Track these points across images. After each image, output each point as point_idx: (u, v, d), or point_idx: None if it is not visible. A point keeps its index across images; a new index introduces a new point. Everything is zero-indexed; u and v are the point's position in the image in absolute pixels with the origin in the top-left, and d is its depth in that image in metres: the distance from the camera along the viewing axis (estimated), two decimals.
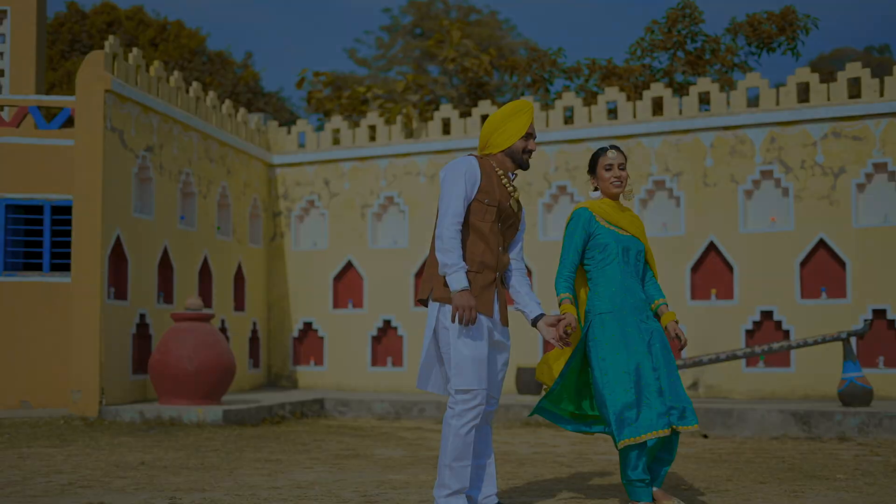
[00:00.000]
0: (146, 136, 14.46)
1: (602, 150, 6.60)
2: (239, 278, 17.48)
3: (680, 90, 17.83)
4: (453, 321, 5.75)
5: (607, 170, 6.49)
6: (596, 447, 11.09)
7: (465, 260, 5.88)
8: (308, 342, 18.25)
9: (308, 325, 18.25)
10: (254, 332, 17.94)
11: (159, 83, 14.92)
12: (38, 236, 14.65)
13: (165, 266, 15.11)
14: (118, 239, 13.72)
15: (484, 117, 17.26)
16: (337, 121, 18.17)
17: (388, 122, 17.80)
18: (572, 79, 18.50)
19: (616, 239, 6.41)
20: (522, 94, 18.76)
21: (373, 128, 17.99)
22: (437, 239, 5.81)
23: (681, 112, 15.80)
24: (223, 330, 16.67)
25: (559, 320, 6.05)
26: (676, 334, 6.37)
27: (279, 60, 75.25)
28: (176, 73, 15.43)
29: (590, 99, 17.71)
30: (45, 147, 14.37)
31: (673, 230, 15.69)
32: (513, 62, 18.93)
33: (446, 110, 17.32)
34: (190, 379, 13.13)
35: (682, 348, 6.55)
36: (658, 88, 15.98)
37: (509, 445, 11.26)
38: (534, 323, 6.13)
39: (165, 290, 15.10)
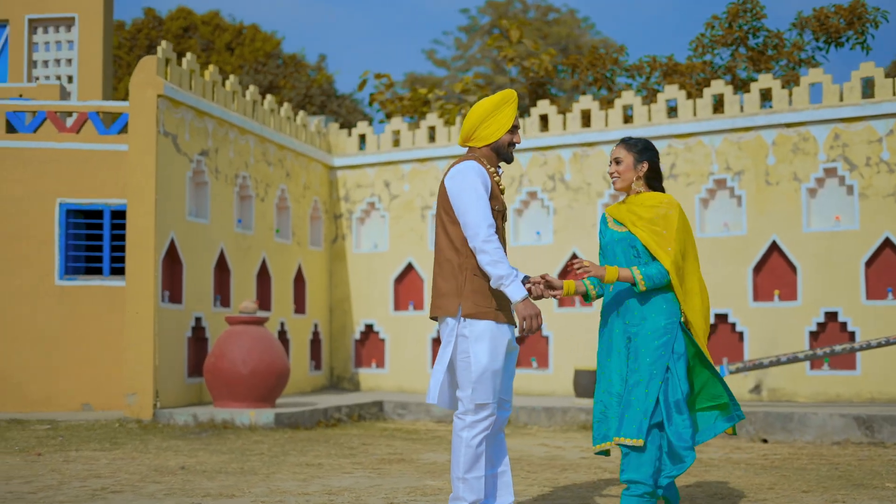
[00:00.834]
0: (201, 140, 14.53)
1: None
2: (299, 281, 17.50)
3: (742, 87, 17.46)
4: (522, 332, 5.66)
5: (609, 165, 6.31)
6: None
7: (479, 270, 5.75)
8: (369, 344, 18.22)
9: (369, 328, 18.22)
10: (315, 334, 17.96)
11: (214, 87, 14.97)
12: (99, 240, 14.83)
13: (222, 269, 15.17)
14: (172, 242, 13.80)
15: (543, 117, 17.09)
16: (397, 122, 18.11)
17: (448, 123, 17.68)
18: (634, 77, 18.23)
19: (613, 239, 6.19)
20: (584, 94, 18.52)
21: (433, 129, 17.90)
22: (481, 253, 5.62)
23: (742, 109, 15.47)
24: (282, 332, 16.70)
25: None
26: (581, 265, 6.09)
27: (356, 63, 75.60)
28: (232, 77, 15.49)
29: (650, 97, 17.42)
30: (104, 152, 14.53)
31: (734, 230, 15.37)
32: (574, 61, 18.71)
33: None
34: (244, 382, 13.15)
35: (581, 273, 6.16)
36: (719, 86, 15.66)
37: (560, 450, 11.09)
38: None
39: (222, 294, 15.17)
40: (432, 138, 17.97)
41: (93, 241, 14.81)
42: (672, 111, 16.29)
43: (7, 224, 14.45)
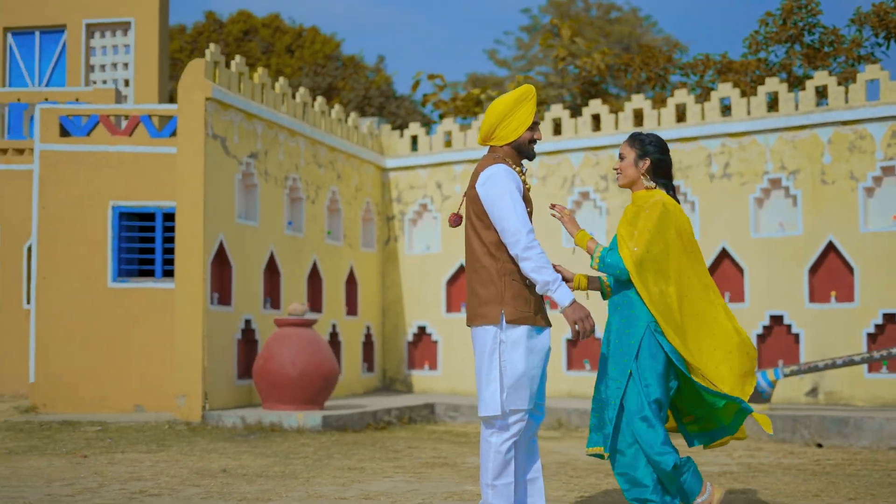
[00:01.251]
0: (250, 142, 14.55)
1: None
2: (351, 283, 17.48)
3: (796, 84, 17.15)
4: (576, 337, 5.56)
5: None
6: (697, 457, 10.69)
7: (517, 274, 5.64)
8: (422, 346, 18.16)
9: (422, 329, 18.16)
10: (367, 336, 17.93)
11: (264, 90, 14.99)
12: (151, 243, 14.91)
13: (272, 271, 15.19)
14: (221, 245, 13.83)
15: (595, 117, 16.92)
16: (449, 123, 18.04)
17: None
18: (689, 75, 17.99)
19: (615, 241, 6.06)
20: (637, 93, 18.30)
21: None
22: (524, 260, 5.50)
23: (797, 107, 15.18)
24: (334, 334, 16.69)
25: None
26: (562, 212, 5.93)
27: (417, 64, 75.67)
28: (281, 79, 15.50)
29: (704, 96, 17.17)
30: (155, 155, 14.61)
31: (790, 230, 15.09)
32: (627, 60, 18.51)
33: (557, 110, 17.03)
34: (292, 384, 13.14)
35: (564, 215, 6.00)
36: (773, 83, 15.39)
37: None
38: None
39: (272, 296, 15.18)
40: None
41: (145, 243, 14.89)
42: (726, 110, 16.04)
43: (61, 227, 14.57)
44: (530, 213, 5.82)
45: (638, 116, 16.47)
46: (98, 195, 14.63)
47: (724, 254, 15.49)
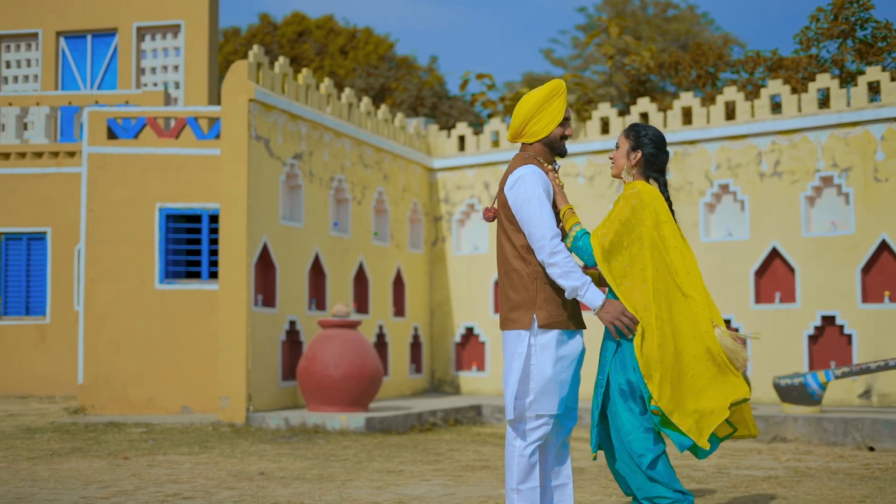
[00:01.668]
0: (294, 143, 14.53)
1: None
2: (398, 283, 17.42)
3: (848, 80, 16.81)
4: (618, 337, 5.47)
5: None
6: (744, 460, 10.50)
7: (549, 277, 5.53)
8: (470, 347, 18.06)
9: (470, 330, 18.06)
10: (415, 337, 17.86)
11: (308, 91, 14.96)
12: (197, 244, 14.95)
13: (317, 272, 15.16)
14: (265, 246, 13.82)
15: (644, 116, 16.71)
16: (496, 122, 17.92)
17: None
18: (739, 72, 17.71)
19: None
20: (686, 91, 18.07)
21: None
22: (550, 266, 5.39)
23: (849, 104, 14.87)
24: (381, 335, 16.64)
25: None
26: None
27: (471, 64, 75.58)
28: (326, 79, 15.47)
29: (754, 93, 16.89)
30: (201, 157, 14.64)
31: (842, 229, 14.80)
32: (676, 57, 18.27)
33: (605, 109, 16.85)
34: (336, 386, 13.10)
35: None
36: (824, 79, 15.10)
37: None
38: None
39: (317, 297, 15.16)
40: None
41: (192, 245, 14.93)
42: (776, 107, 15.77)
43: (109, 229, 14.65)
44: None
45: (687, 114, 16.24)
46: (145, 197, 14.69)
47: (774, 253, 15.23)
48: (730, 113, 16.01)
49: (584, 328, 5.66)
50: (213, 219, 14.66)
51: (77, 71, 20.66)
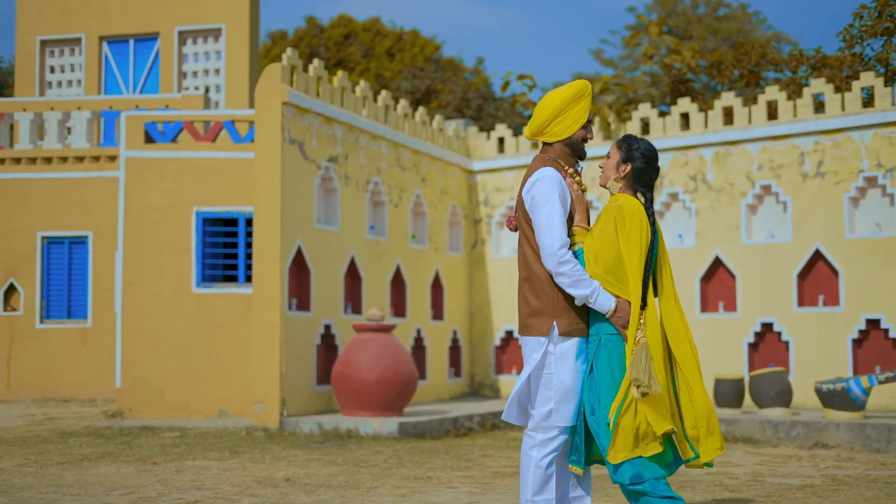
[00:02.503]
0: (329, 146, 14.44)
1: None
2: (436, 287, 17.29)
3: (893, 78, 16.44)
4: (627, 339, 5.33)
5: None
6: (781, 467, 10.26)
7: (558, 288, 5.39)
8: (510, 351, 17.89)
9: (510, 334, 17.89)
10: (454, 340, 17.72)
11: (343, 93, 14.87)
12: (234, 248, 14.92)
13: (353, 276, 15.07)
14: (299, 250, 13.74)
15: (684, 116, 16.47)
16: None
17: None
18: (782, 70, 17.39)
19: None
20: (729, 91, 17.80)
21: None
22: (558, 276, 5.31)
23: (893, 102, 14.54)
24: (419, 339, 16.52)
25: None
26: None
27: (518, 65, 75.33)
28: (362, 82, 15.38)
29: (796, 92, 16.57)
30: (237, 160, 14.60)
31: (887, 230, 14.48)
32: (718, 56, 17.99)
33: (645, 109, 16.63)
34: (370, 390, 13.01)
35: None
36: (868, 78, 14.78)
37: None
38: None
39: (353, 301, 15.06)
40: None
41: (228, 248, 14.90)
42: (819, 106, 15.46)
43: (146, 233, 14.66)
44: (588, 215, 5.59)
45: (728, 114, 16.00)
46: (182, 201, 14.68)
47: (817, 255, 14.93)
48: (772, 113, 15.73)
49: None
50: (250, 222, 14.61)
51: (120, 75, 20.76)
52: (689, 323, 15.76)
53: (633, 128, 16.64)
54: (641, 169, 5.54)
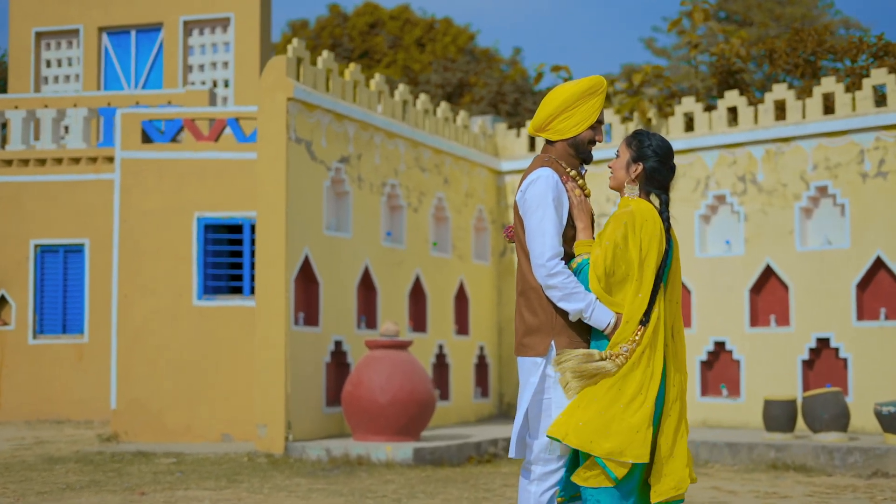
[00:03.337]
0: (340, 145, 14.38)
1: None
2: (461, 299, 17.18)
3: None
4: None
5: None
6: (835, 499, 10.08)
7: None
8: None
9: None
10: (480, 357, 17.60)
11: (356, 88, 14.81)
12: (239, 257, 14.88)
13: (367, 287, 14.99)
14: (307, 259, 13.68)
15: (732, 110, 16.28)
16: None
17: (624, 120, 17.07)
18: (841, 60, 17.16)
19: None
20: (781, 82, 17.60)
21: (609, 126, 17.29)
22: (549, 289, 5.19)
23: None
24: (441, 356, 16.42)
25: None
26: None
27: (560, 55, 75.10)
28: (377, 75, 15.31)
29: (856, 83, 16.34)
30: (242, 162, 14.60)
31: None
32: (770, 44, 17.77)
33: (688, 103, 16.46)
34: (382, 412, 12.92)
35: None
36: None
37: (730, 496, 10.41)
38: None
39: (367, 314, 14.99)
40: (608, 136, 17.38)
41: (233, 257, 14.87)
42: (881, 99, 15.22)
43: (144, 240, 14.67)
44: (593, 223, 5.45)
45: (780, 108, 15.82)
46: (182, 206, 14.69)
47: (878, 264, 14.70)
48: (828, 106, 15.51)
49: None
50: (256, 229, 14.57)
51: (121, 69, 20.83)
52: (738, 339, 15.60)
53: (675, 123, 16.47)
54: (655, 168, 5.37)
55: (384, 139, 15.35)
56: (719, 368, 15.96)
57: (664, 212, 5.36)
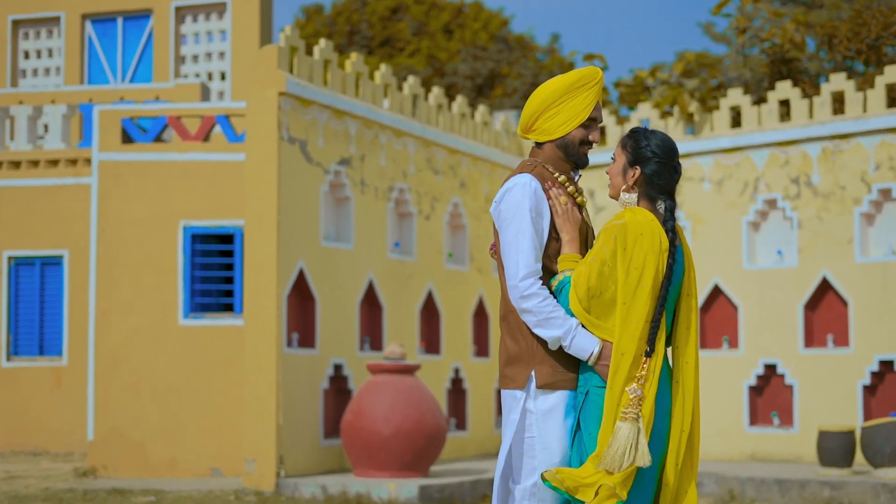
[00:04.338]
0: (340, 146, 14.31)
1: None
2: (480, 316, 17.09)
3: None
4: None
5: None
6: None
7: None
8: None
9: None
10: None
11: (359, 81, 14.72)
12: (230, 270, 14.80)
13: (372, 305, 14.94)
14: (301, 273, 13.61)
15: (784, 103, 16.09)
16: (602, 115, 17.42)
17: (664, 115, 16.91)
18: None
19: None
20: (841, 71, 17.37)
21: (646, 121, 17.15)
22: (523, 313, 5.04)
23: None
24: (457, 381, 16.35)
25: None
26: None
27: (605, 42, 74.87)
28: (383, 66, 15.22)
29: None
30: (234, 164, 14.50)
31: None
32: (830, 28, 17.55)
33: (735, 97, 16.28)
34: (385, 445, 12.85)
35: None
36: None
37: None
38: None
39: (372, 335, 14.93)
40: None
41: (223, 271, 14.78)
42: None
43: (124, 251, 14.61)
44: (584, 239, 5.25)
45: (838, 101, 15.63)
46: (167, 213, 14.63)
47: None
48: (893, 98, 15.35)
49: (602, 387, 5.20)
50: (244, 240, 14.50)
51: (106, 61, 20.83)
52: (791, 361, 15.42)
53: (720, 118, 16.32)
54: (655, 171, 5.17)
55: (391, 138, 15.27)
56: (770, 395, 15.79)
57: (668, 220, 5.15)
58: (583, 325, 4.98)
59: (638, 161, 5.18)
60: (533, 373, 5.11)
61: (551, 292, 5.07)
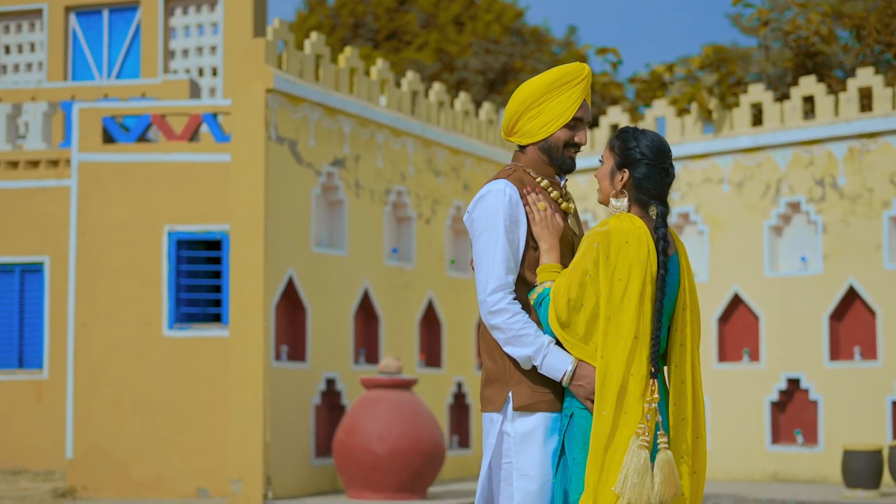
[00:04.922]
0: (333, 145, 14.29)
1: None
2: (484, 328, 16.98)
3: None
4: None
5: None
6: None
7: None
8: None
9: None
10: None
11: (353, 77, 14.68)
12: (218, 278, 14.76)
13: (367, 315, 14.95)
14: (291, 281, 13.60)
15: (809, 100, 16.02)
16: (616, 113, 17.41)
17: (681, 113, 16.86)
18: None
19: None
20: (870, 66, 17.29)
21: (663, 120, 17.11)
22: (492, 330, 4.94)
23: None
24: (459, 396, 16.33)
25: None
26: None
27: (626, 36, 74.82)
28: (379, 61, 15.18)
29: None
30: (221, 165, 14.45)
31: None
32: (859, 20, 17.48)
33: (756, 93, 16.23)
34: (380, 465, 12.86)
35: None
36: None
37: None
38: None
39: (368, 347, 14.95)
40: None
41: (210, 279, 14.74)
42: None
43: (105, 258, 14.59)
44: (571, 249, 5.15)
45: (866, 97, 15.60)
46: (150, 217, 14.61)
47: None
48: None
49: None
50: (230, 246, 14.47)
51: (91, 56, 20.81)
52: (816, 375, 15.38)
53: (741, 116, 16.29)
54: (645, 175, 5.07)
55: (388, 137, 15.25)
56: (793, 411, 15.76)
57: (660, 228, 5.05)
58: (557, 343, 4.90)
59: (626, 164, 5.06)
60: (510, 393, 5.04)
61: (529, 305, 5.00)
